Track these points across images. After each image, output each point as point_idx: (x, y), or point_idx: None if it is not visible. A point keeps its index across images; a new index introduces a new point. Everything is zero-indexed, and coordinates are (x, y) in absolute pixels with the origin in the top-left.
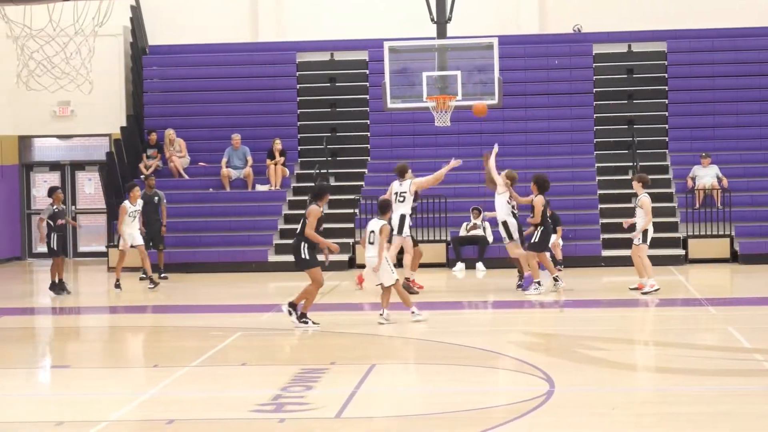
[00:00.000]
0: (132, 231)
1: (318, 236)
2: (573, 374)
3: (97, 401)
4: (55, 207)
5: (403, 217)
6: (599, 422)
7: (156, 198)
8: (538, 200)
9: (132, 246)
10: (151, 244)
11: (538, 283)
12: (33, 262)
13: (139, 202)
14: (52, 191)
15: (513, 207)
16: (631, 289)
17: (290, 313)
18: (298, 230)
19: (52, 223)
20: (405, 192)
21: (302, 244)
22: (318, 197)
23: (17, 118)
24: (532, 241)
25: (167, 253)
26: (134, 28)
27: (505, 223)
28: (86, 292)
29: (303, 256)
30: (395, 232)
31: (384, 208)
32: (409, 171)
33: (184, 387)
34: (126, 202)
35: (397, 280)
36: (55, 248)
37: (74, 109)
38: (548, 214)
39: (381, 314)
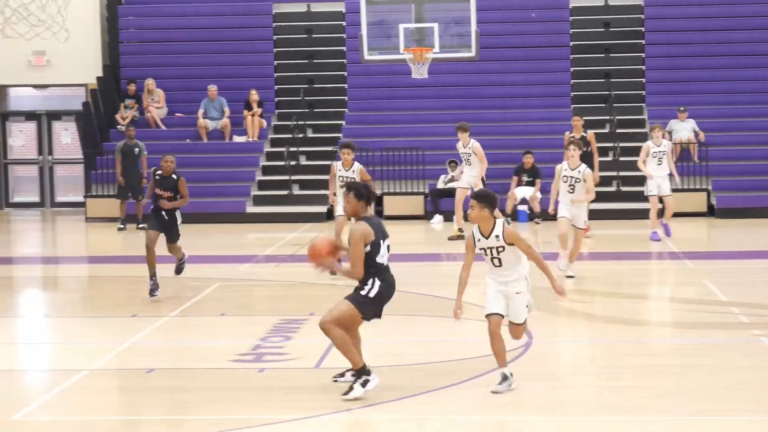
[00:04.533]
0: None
1: None
2: (551, 326)
3: (77, 350)
4: None
5: None
6: (577, 373)
7: (137, 149)
8: None
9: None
10: (130, 194)
11: None
12: (10, 211)
13: (356, 165)
14: None
15: None
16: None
17: None
18: None
19: None
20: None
21: None
22: None
23: None
24: None
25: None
26: None
27: None
28: (64, 241)
29: None
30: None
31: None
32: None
33: (164, 337)
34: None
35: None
36: None
37: (50, 59)
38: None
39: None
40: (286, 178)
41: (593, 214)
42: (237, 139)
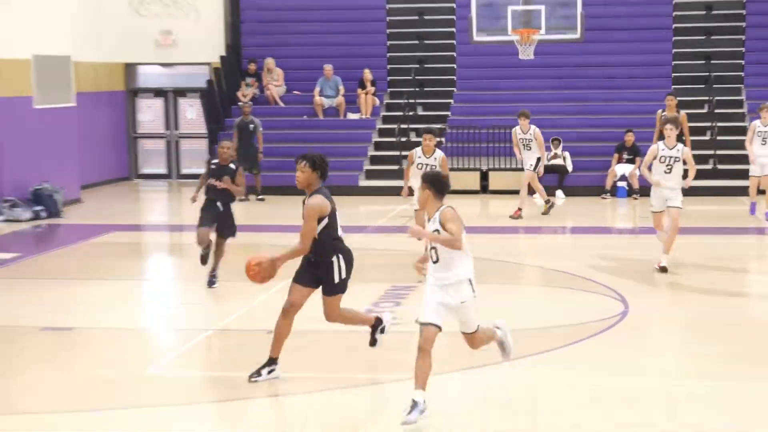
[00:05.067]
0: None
1: None
2: (647, 297)
3: (202, 311)
4: None
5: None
6: (670, 341)
7: (252, 125)
8: None
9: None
10: (246, 168)
11: None
12: (139, 182)
13: (438, 153)
14: None
15: None
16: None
17: None
18: None
19: None
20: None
21: None
22: None
23: (124, 47)
24: None
25: (264, 176)
26: None
27: None
28: (189, 210)
29: None
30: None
31: None
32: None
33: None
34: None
35: None
36: None
37: (176, 39)
38: None
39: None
40: (397, 153)
41: (690, 191)
42: (351, 116)
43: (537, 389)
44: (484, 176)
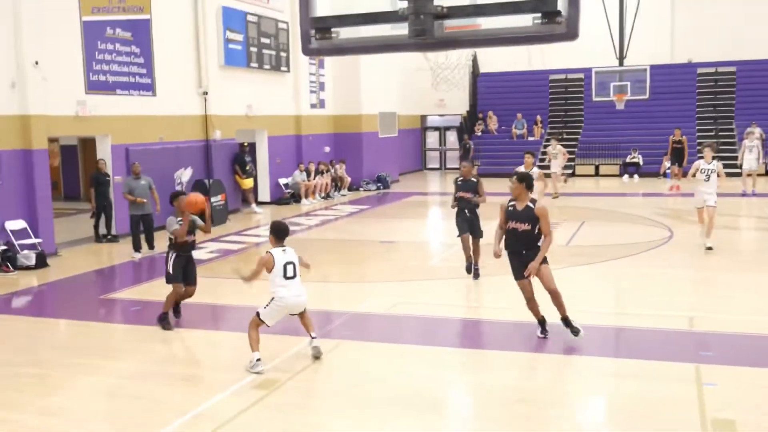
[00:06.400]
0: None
1: None
2: (684, 229)
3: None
4: (179, 219)
5: None
6: (696, 251)
7: (468, 145)
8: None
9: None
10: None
11: None
12: (426, 172)
13: (535, 169)
14: (174, 197)
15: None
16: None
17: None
18: None
19: (172, 239)
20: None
21: None
22: None
23: (420, 106)
24: None
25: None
26: (473, 63)
27: None
28: (448, 184)
29: None
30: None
31: None
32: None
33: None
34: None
35: None
36: (172, 272)
37: (446, 102)
38: None
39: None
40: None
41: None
42: (530, 138)
43: (621, 277)
44: (597, 169)
